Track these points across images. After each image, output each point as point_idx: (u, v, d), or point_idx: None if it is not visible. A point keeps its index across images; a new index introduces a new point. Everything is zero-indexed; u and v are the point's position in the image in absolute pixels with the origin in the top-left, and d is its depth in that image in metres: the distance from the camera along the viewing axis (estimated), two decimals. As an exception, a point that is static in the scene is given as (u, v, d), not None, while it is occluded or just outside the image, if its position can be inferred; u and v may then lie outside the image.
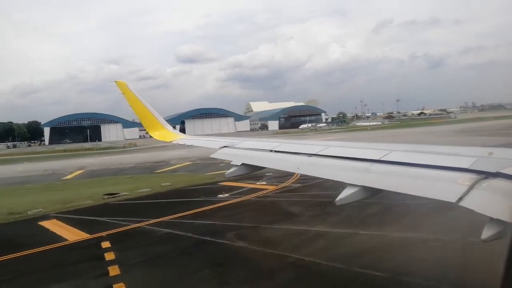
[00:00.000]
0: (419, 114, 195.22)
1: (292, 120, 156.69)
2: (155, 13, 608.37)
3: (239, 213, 13.61)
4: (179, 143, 11.98)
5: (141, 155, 50.78)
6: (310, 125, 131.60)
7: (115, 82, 12.54)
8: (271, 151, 7.25)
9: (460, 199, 3.47)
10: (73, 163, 42.01)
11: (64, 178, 29.49)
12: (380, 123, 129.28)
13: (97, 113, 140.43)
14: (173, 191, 19.21)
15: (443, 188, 3.85)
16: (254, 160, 7.38)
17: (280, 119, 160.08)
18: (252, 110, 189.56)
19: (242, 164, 7.32)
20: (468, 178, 3.69)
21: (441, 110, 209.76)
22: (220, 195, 16.63)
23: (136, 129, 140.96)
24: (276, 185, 18.48)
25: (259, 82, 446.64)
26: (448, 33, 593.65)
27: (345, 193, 4.76)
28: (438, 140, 40.26)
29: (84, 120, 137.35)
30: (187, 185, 20.67)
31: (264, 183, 19.49)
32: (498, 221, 3.08)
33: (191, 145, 11.53)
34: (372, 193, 4.74)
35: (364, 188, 4.69)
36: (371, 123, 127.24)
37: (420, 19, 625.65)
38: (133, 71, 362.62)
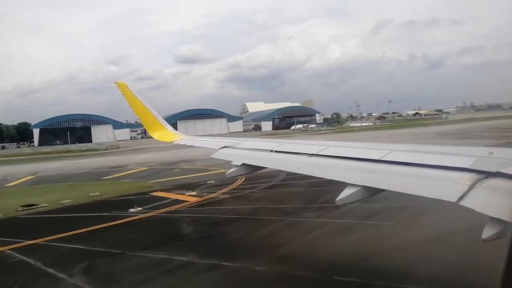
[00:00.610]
0: (414, 114, 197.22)
1: (287, 121, 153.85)
2: (153, 13, 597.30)
3: (124, 234, 12.29)
4: (180, 143, 11.64)
5: (110, 158, 48.24)
6: (301, 126, 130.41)
7: (115, 83, 12.28)
8: (272, 151, 7.09)
9: (461, 198, 3.46)
10: (33, 168, 39.45)
11: (7, 185, 27.34)
12: (372, 124, 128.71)
13: (87, 114, 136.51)
14: (94, 202, 17.73)
15: (443, 187, 3.85)
16: (254, 160, 7.22)
17: (274, 120, 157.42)
18: (247, 111, 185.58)
19: (243, 164, 7.11)
20: (468, 177, 3.67)
21: (436, 110, 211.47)
22: (132, 209, 15.29)
23: (127, 130, 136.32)
24: (201, 197, 17.17)
25: (258, 83, 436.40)
26: (447, 33, 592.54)
27: (346, 193, 4.71)
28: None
29: (75, 121, 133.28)
30: (115, 196, 18.97)
31: (193, 193, 18.33)
32: (498, 221, 3.05)
33: (191, 145, 11.20)
34: (372, 193, 4.71)
35: (365, 188, 4.65)
36: (362, 124, 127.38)
37: (419, 19, 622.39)
38: (132, 72, 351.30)
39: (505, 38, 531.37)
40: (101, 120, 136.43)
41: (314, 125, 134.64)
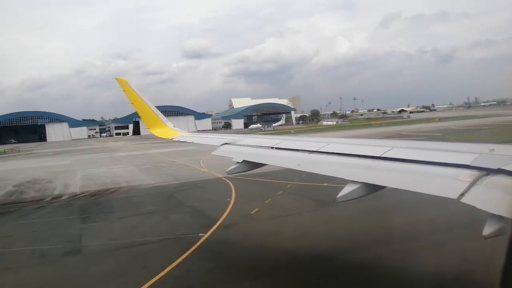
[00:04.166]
0: (400, 111, 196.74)
1: (265, 118, 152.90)
2: (161, 8, 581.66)
3: None
4: (180, 140, 11.58)
5: None
6: (259, 125, 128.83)
7: (116, 79, 12.13)
8: (272, 148, 7.09)
9: (462, 195, 3.43)
10: None
11: None
12: (334, 122, 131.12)
13: (42, 112, 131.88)
14: None
15: (444, 184, 3.82)
16: (255, 157, 7.15)
17: (253, 117, 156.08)
18: (233, 107, 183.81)
19: (243, 161, 7.06)
20: (469, 174, 3.66)
21: (424, 107, 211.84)
22: None
23: (84, 129, 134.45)
24: None
25: (265, 77, 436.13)
26: (456, 27, 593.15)
27: (346, 190, 4.65)
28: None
29: (29, 119, 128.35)
30: None
31: None
32: (499, 218, 3.03)
33: (192, 142, 11.06)
34: (373, 190, 4.65)
35: (366, 185, 4.60)
36: (326, 123, 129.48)
37: (428, 13, 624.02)
38: (139, 66, 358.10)
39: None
40: (56, 118, 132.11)
41: (278, 123, 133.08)
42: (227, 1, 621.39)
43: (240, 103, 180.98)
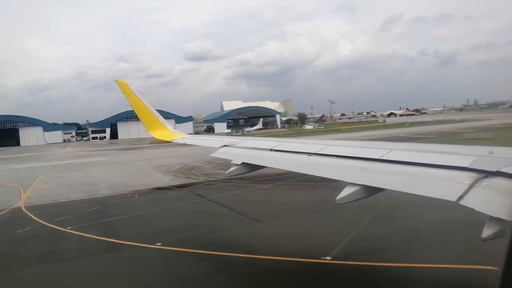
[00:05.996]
0: (389, 114, 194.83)
1: (252, 122, 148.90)
2: (163, 11, 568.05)
3: None
4: (179, 142, 11.51)
5: None
6: (230, 130, 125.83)
7: (116, 81, 12.11)
8: (271, 150, 7.04)
9: (460, 197, 3.42)
10: None
11: None
12: (312, 127, 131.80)
13: (16, 116, 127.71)
14: None
15: (443, 187, 3.82)
16: (254, 159, 7.12)
17: (239, 120, 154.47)
18: (224, 110, 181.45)
19: (242, 163, 7.00)
20: (468, 177, 3.64)
21: (414, 110, 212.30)
22: None
23: (60, 133, 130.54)
24: None
25: (267, 80, 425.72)
26: (458, 29, 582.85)
27: (345, 192, 4.63)
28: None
29: (7, 123, 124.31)
30: None
31: None
32: (498, 220, 3.02)
33: (191, 144, 10.98)
34: (372, 192, 4.64)
35: (364, 187, 4.58)
36: (307, 127, 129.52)
37: (430, 15, 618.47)
38: (141, 69, 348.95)
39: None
40: (29, 122, 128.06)
41: (252, 128, 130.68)
42: (228, 4, 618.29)
43: (231, 106, 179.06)
